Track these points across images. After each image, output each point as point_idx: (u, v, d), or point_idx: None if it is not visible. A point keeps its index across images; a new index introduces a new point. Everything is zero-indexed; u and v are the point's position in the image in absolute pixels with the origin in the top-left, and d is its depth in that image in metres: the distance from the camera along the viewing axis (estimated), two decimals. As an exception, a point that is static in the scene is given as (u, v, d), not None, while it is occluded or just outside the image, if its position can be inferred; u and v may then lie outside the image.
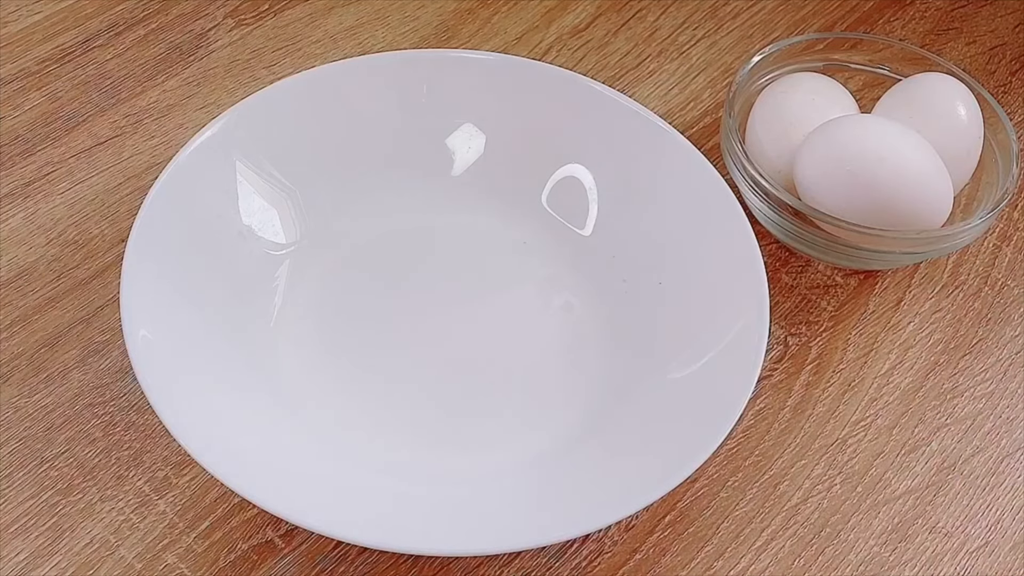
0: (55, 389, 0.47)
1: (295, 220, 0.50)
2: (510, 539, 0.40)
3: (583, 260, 0.51)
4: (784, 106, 0.53)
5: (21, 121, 0.56)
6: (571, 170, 0.53)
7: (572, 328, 0.50)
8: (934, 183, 0.50)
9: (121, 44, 0.60)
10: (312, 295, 0.49)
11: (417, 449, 0.46)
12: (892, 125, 0.50)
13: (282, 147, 0.50)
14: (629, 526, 0.46)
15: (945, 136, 0.51)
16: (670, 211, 0.50)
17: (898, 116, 0.52)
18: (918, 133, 0.50)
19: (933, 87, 0.53)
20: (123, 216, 0.53)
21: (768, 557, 0.45)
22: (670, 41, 0.63)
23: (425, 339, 0.49)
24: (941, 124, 0.52)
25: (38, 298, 0.50)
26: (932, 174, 0.49)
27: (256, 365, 0.46)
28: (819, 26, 0.64)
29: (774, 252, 0.54)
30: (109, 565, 0.43)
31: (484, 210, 0.53)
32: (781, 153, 0.52)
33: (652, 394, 0.46)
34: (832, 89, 0.54)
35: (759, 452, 0.48)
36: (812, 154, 0.50)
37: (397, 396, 0.47)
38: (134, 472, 0.45)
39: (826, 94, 0.54)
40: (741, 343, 0.45)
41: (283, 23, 0.62)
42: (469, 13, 0.63)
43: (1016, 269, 0.55)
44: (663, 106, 0.60)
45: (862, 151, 0.49)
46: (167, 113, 0.57)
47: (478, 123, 0.53)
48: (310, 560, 0.44)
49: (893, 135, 0.50)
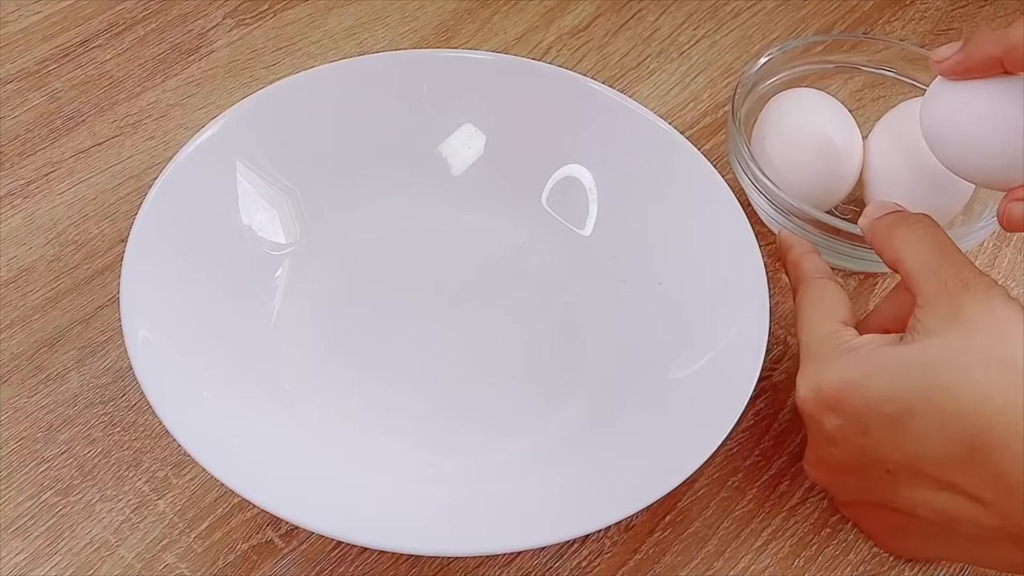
0: (55, 389, 0.47)
1: (295, 220, 0.50)
2: (510, 539, 0.40)
3: (583, 260, 0.51)
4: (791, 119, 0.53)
5: (21, 121, 0.56)
6: (571, 170, 0.53)
7: (572, 328, 0.50)
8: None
9: (121, 44, 0.60)
10: (312, 295, 0.49)
11: (417, 449, 0.46)
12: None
13: (282, 147, 0.50)
14: (629, 526, 0.46)
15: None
16: (670, 211, 0.50)
17: (893, 141, 0.52)
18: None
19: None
20: (123, 216, 0.53)
21: (768, 557, 0.45)
22: (670, 41, 0.63)
23: (425, 339, 0.49)
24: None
25: (38, 298, 0.50)
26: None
27: (256, 365, 0.46)
28: (819, 26, 0.64)
29: (774, 252, 0.54)
30: (109, 565, 0.43)
31: (484, 210, 0.53)
32: (784, 158, 0.52)
33: (652, 394, 0.46)
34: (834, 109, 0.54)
35: (759, 452, 0.48)
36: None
37: (396, 396, 0.47)
38: (134, 472, 0.45)
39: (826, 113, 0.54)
40: (741, 343, 0.45)
41: (283, 23, 0.62)
42: (469, 13, 0.63)
43: (1016, 269, 0.55)
44: (663, 106, 0.60)
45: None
46: (167, 113, 0.57)
47: (478, 123, 0.53)
48: (310, 560, 0.44)
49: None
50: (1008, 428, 0.37)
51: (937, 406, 0.38)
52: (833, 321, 0.43)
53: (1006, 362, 0.38)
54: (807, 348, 0.43)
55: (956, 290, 0.40)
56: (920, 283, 0.41)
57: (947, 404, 0.38)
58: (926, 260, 0.41)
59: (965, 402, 0.38)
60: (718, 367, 0.45)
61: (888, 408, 0.39)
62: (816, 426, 0.42)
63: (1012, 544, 0.39)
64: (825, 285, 0.45)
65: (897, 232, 0.43)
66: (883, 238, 0.44)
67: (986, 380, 0.38)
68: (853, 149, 0.53)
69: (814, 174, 0.52)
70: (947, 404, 0.38)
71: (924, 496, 0.40)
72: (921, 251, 0.42)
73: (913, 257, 0.42)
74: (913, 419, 0.39)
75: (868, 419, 0.40)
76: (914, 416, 0.39)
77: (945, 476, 0.39)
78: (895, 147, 0.52)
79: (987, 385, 0.38)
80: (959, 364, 0.38)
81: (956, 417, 0.38)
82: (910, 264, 0.42)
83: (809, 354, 0.42)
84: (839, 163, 0.52)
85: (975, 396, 0.38)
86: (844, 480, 0.44)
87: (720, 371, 0.45)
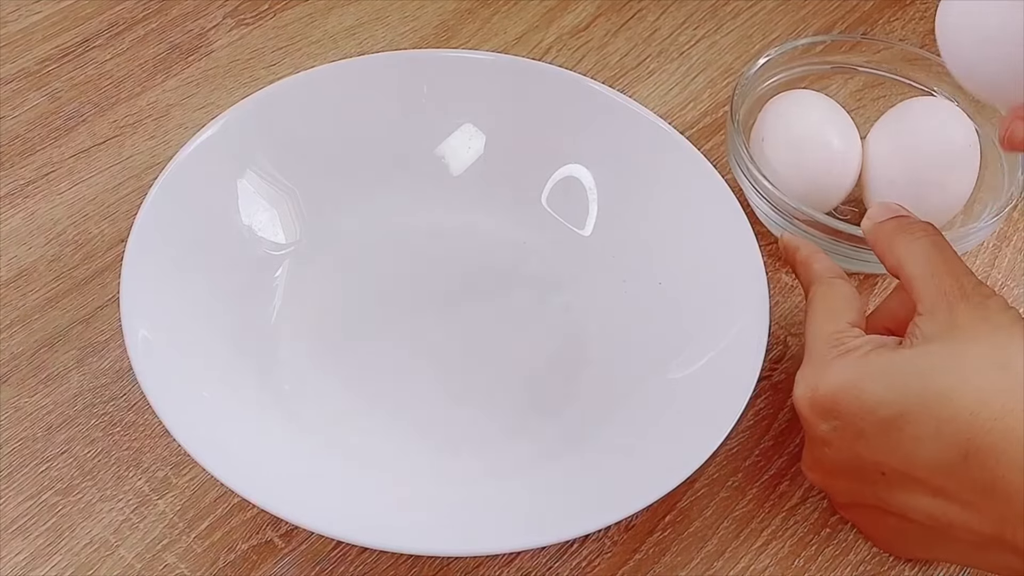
0: (55, 389, 0.47)
1: (295, 220, 0.50)
2: (510, 539, 0.40)
3: (583, 260, 0.51)
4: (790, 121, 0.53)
5: (21, 121, 0.56)
6: (571, 170, 0.53)
7: (572, 328, 0.50)
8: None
9: (121, 44, 0.60)
10: (312, 295, 0.49)
11: (417, 449, 0.46)
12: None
13: (282, 147, 0.50)
14: (629, 526, 0.46)
15: (942, 159, 0.52)
16: (670, 211, 0.50)
17: (892, 142, 0.52)
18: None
19: (925, 112, 0.53)
20: (123, 216, 0.53)
21: (768, 557, 0.45)
22: (670, 41, 0.63)
23: (425, 339, 0.49)
24: (935, 149, 0.52)
25: (38, 298, 0.50)
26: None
27: (256, 365, 0.46)
28: (819, 26, 0.64)
29: (774, 252, 0.54)
30: (109, 565, 0.43)
31: (484, 210, 0.53)
32: (783, 160, 0.52)
33: (652, 394, 0.46)
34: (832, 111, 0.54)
35: (759, 452, 0.48)
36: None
37: (396, 396, 0.47)
38: (134, 472, 0.45)
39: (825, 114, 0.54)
40: (741, 343, 0.45)
41: (283, 23, 0.62)
42: (469, 13, 0.63)
43: (1016, 269, 0.55)
44: (663, 106, 0.60)
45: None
46: (167, 113, 0.57)
47: (478, 123, 0.53)
48: (310, 560, 0.44)
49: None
50: (1004, 434, 0.37)
51: (932, 411, 0.38)
52: (837, 322, 0.43)
53: (1003, 368, 0.38)
54: (808, 349, 0.43)
55: (955, 298, 0.40)
56: (921, 291, 0.41)
57: (942, 409, 0.38)
58: (927, 269, 0.42)
59: (960, 407, 0.38)
60: (718, 367, 0.45)
61: (882, 412, 0.39)
62: (811, 428, 0.42)
63: (1008, 551, 0.39)
64: (836, 285, 0.44)
65: (900, 240, 0.43)
66: (885, 244, 0.44)
67: (982, 385, 0.38)
68: (852, 151, 0.53)
69: (813, 176, 0.52)
70: (942, 409, 0.38)
71: (918, 501, 0.40)
72: (923, 260, 0.42)
73: (915, 265, 0.42)
74: (908, 423, 0.39)
75: (862, 422, 0.40)
76: (909, 420, 0.39)
77: (938, 482, 0.39)
78: (894, 148, 0.52)
79: (983, 390, 0.38)
80: (956, 369, 0.38)
81: (951, 422, 0.38)
82: (911, 272, 0.42)
83: (809, 355, 0.43)
84: (838, 165, 0.52)
85: (971, 401, 0.38)
86: (839, 482, 0.44)
87: (720, 371, 0.45)
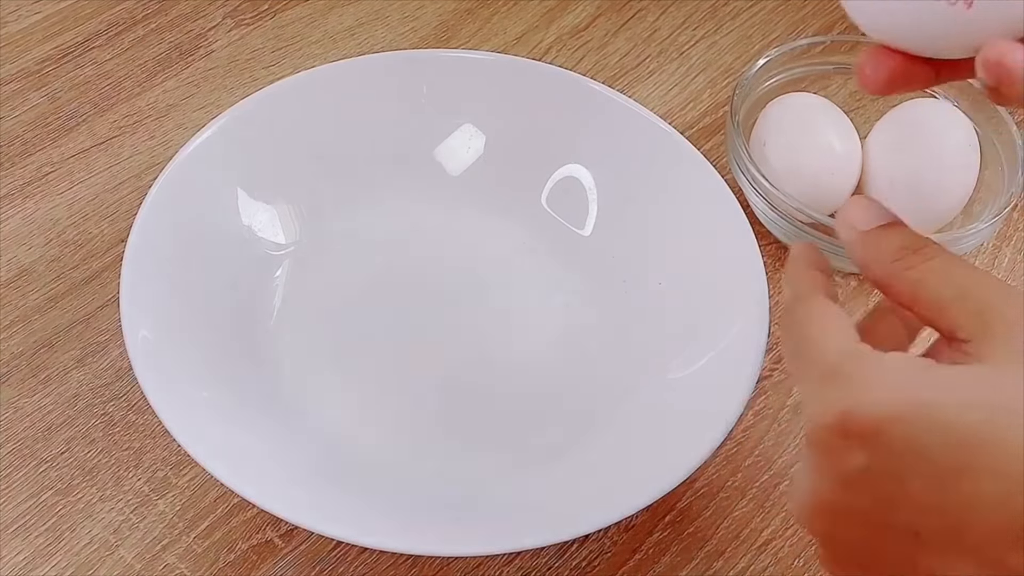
0: (54, 389, 0.47)
1: (295, 220, 0.50)
2: (510, 539, 0.40)
3: (583, 260, 0.51)
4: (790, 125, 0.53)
5: (21, 121, 0.56)
6: (571, 170, 0.53)
7: (572, 329, 0.50)
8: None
9: (120, 44, 0.60)
10: (312, 295, 0.49)
11: (417, 449, 0.46)
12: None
13: (282, 147, 0.50)
14: (629, 526, 0.46)
15: (942, 160, 0.52)
16: (670, 211, 0.50)
17: (892, 143, 0.52)
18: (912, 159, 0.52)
19: (925, 113, 0.53)
20: (123, 216, 0.53)
21: (768, 557, 0.45)
22: (670, 41, 0.63)
23: (425, 339, 0.49)
24: (935, 150, 0.52)
25: (38, 298, 0.50)
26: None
27: (256, 365, 0.46)
28: (819, 27, 0.64)
29: (774, 252, 0.54)
30: (109, 565, 0.43)
31: (484, 210, 0.53)
32: (783, 162, 0.52)
33: (652, 394, 0.46)
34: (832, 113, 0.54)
35: (759, 452, 0.48)
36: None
37: (396, 396, 0.47)
38: (134, 472, 0.45)
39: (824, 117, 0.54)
40: (741, 343, 0.45)
41: (283, 23, 0.62)
42: (469, 13, 0.63)
43: (1016, 269, 0.55)
44: (663, 106, 0.60)
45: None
46: (167, 113, 0.57)
47: (478, 123, 0.53)
48: (310, 560, 0.44)
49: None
50: None
51: (1009, 458, 0.30)
52: (853, 340, 0.34)
53: None
54: (824, 366, 0.33)
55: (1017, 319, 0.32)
56: (958, 318, 0.33)
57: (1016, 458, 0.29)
58: (957, 292, 0.34)
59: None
60: (718, 367, 0.45)
61: (941, 454, 0.30)
62: (831, 464, 0.32)
63: None
64: (831, 306, 0.36)
65: (909, 265, 0.35)
66: (889, 273, 0.35)
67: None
68: (852, 153, 0.53)
69: (814, 178, 0.52)
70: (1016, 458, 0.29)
71: (958, 572, 0.31)
72: (948, 283, 0.34)
73: (939, 291, 0.34)
74: (972, 473, 0.30)
75: (911, 463, 0.31)
76: (974, 469, 0.30)
77: (993, 552, 0.30)
78: (894, 149, 0.52)
79: None
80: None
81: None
82: (935, 299, 0.34)
83: (827, 373, 0.33)
84: (839, 167, 0.52)
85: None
86: (850, 537, 0.33)
87: (720, 371, 0.45)
